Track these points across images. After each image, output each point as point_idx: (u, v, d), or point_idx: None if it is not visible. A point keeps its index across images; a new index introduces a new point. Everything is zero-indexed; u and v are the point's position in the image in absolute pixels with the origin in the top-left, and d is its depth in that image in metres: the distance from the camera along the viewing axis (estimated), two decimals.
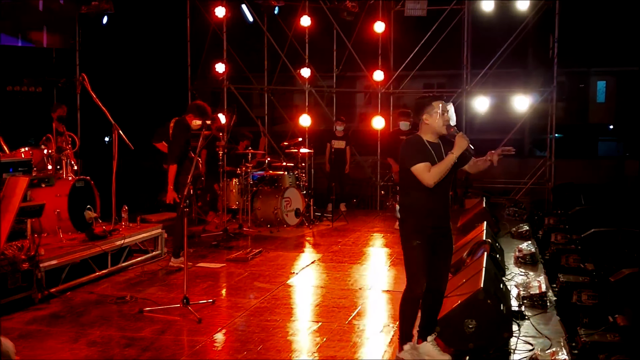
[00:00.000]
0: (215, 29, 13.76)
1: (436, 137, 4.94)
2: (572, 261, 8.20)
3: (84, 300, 6.69)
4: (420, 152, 4.85)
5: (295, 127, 14.57)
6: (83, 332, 5.71)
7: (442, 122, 4.87)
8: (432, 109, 4.87)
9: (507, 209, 12.27)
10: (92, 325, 5.90)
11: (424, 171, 4.77)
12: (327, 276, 7.80)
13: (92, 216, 8.16)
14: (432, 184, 4.79)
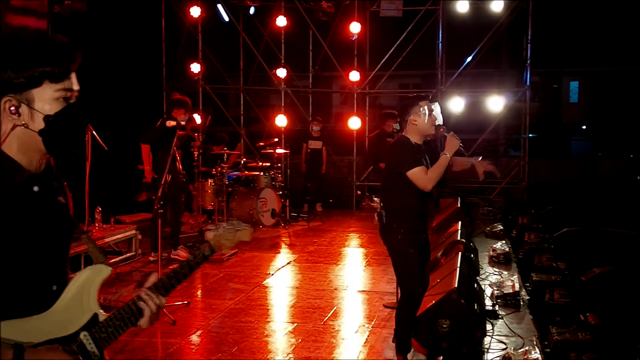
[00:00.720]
0: (190, 28, 13.69)
1: (422, 138, 4.85)
2: (545, 260, 8.30)
3: None
4: (414, 155, 4.71)
5: (271, 127, 14.55)
6: None
7: (431, 123, 4.78)
8: (418, 108, 4.77)
9: (482, 209, 12.37)
10: None
11: (421, 175, 4.64)
12: (302, 277, 7.81)
13: None
14: (430, 188, 4.72)
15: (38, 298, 1.83)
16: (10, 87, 1.78)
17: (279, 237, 10.28)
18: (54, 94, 1.82)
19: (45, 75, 1.80)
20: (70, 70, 1.86)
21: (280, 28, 14.04)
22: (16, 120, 1.80)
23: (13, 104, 1.79)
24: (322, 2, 13.75)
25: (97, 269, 1.95)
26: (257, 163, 11.43)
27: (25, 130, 1.81)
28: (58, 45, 1.84)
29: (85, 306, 1.90)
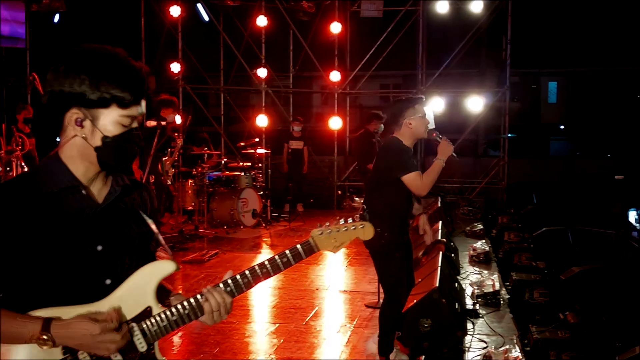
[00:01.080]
0: (170, 28, 13.61)
1: (414, 141, 4.71)
2: (525, 259, 8.37)
3: None
4: (409, 160, 4.57)
5: (251, 127, 14.51)
6: None
7: (425, 127, 4.64)
8: (415, 112, 4.60)
9: (462, 208, 12.44)
10: None
11: (417, 181, 4.51)
12: (284, 277, 7.79)
13: None
14: (424, 194, 4.62)
15: (90, 290, 1.95)
16: (81, 100, 1.91)
17: (260, 238, 10.26)
18: (118, 118, 1.95)
19: (115, 100, 1.92)
20: (138, 99, 1.98)
21: (261, 28, 14.01)
22: (78, 132, 1.94)
23: (79, 116, 1.93)
24: (303, 2, 13.75)
25: (160, 264, 2.04)
26: (237, 163, 11.40)
27: (84, 142, 1.95)
28: (135, 72, 1.96)
29: (139, 299, 1.99)
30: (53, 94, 1.91)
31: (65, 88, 1.89)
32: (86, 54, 1.93)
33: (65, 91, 1.90)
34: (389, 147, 4.72)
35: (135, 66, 1.96)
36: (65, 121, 1.94)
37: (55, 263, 1.91)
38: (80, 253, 1.94)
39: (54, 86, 1.91)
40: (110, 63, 1.92)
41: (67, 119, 1.93)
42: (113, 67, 1.92)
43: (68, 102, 1.91)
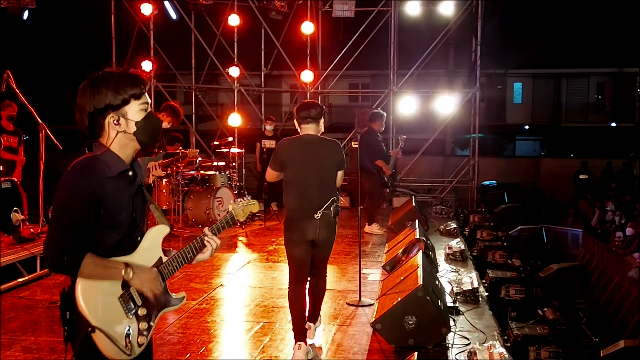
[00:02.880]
0: (141, 26, 13.50)
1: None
2: (499, 257, 8.55)
3: (13, 305, 6.46)
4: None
5: (223, 126, 14.47)
6: (16, 339, 5.53)
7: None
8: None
9: (434, 207, 12.60)
10: (25, 331, 5.71)
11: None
12: (263, 276, 7.82)
13: (19, 218, 7.88)
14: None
15: (130, 245, 2.77)
16: (111, 107, 2.68)
17: (236, 237, 10.26)
18: (138, 107, 2.73)
19: (132, 96, 2.70)
20: (143, 91, 2.75)
21: (233, 27, 13.99)
22: (118, 128, 2.71)
23: (115, 118, 2.70)
24: (275, 1, 13.77)
25: (161, 227, 2.87)
26: (212, 162, 11.36)
27: (124, 135, 2.72)
28: (135, 75, 2.74)
29: (154, 251, 2.83)
30: (91, 113, 2.66)
31: (98, 105, 2.66)
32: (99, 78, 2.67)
33: (99, 107, 2.66)
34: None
35: (131, 72, 2.75)
36: (105, 126, 2.70)
37: (112, 226, 2.68)
38: (128, 218, 2.74)
39: (89, 107, 2.66)
40: (117, 75, 2.69)
41: (107, 123, 2.70)
42: (120, 77, 2.69)
43: (103, 112, 2.67)
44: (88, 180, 2.59)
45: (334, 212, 5.26)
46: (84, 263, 2.56)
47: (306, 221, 5.16)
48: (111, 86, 2.65)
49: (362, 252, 7.48)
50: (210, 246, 2.95)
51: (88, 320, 2.55)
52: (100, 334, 2.56)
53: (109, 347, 2.59)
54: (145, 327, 2.76)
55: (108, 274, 2.63)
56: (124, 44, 13.77)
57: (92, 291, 2.60)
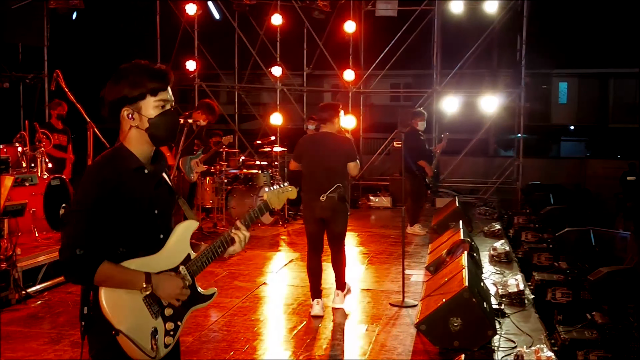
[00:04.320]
0: (186, 26, 13.65)
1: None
2: (544, 259, 8.38)
3: (62, 300, 6.60)
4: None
5: (265, 125, 14.54)
6: (64, 333, 5.64)
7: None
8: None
9: (478, 208, 12.45)
10: (73, 326, 5.80)
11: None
12: (306, 275, 7.79)
13: None
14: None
15: (151, 245, 2.65)
16: (127, 101, 2.60)
17: (278, 236, 10.29)
18: (153, 104, 2.63)
19: (148, 92, 2.61)
20: (164, 87, 2.64)
21: (276, 26, 14.04)
22: (132, 123, 2.62)
23: (129, 112, 2.62)
24: (318, 0, 13.77)
25: (189, 222, 2.77)
26: (254, 161, 11.43)
27: (138, 130, 2.63)
28: (156, 70, 2.63)
29: (182, 248, 2.72)
30: (110, 104, 2.61)
31: (115, 96, 2.60)
32: (120, 70, 2.62)
33: (115, 99, 2.60)
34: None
35: (153, 66, 2.64)
36: (121, 119, 2.63)
37: (131, 225, 2.59)
38: (147, 216, 2.65)
39: (108, 97, 2.61)
40: (136, 69, 2.62)
41: (122, 117, 2.62)
42: (139, 70, 2.61)
43: (120, 105, 2.61)
44: (101, 177, 2.52)
45: (338, 195, 6.15)
46: (99, 271, 2.46)
47: (314, 202, 6.18)
48: (129, 79, 2.58)
49: (405, 253, 7.41)
50: (239, 239, 2.81)
51: (112, 324, 2.49)
52: (124, 337, 2.50)
53: (133, 349, 2.53)
54: (172, 327, 2.67)
55: (127, 285, 2.54)
56: (169, 44, 13.95)
57: (117, 293, 2.53)
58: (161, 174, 2.75)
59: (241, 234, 2.81)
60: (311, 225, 6.40)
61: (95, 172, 2.54)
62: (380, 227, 10.92)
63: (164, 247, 2.67)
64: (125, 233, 2.57)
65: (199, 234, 9.66)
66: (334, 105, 6.54)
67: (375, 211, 13.00)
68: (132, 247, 2.59)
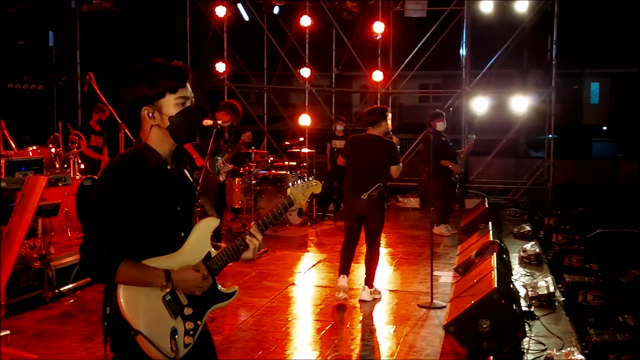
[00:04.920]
0: (215, 28, 13.77)
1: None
2: (575, 261, 8.29)
3: (94, 299, 6.70)
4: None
5: (294, 126, 14.60)
6: (97, 331, 5.71)
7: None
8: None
9: (508, 209, 12.35)
10: None
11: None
12: (334, 275, 7.80)
13: None
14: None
15: (172, 242, 2.66)
16: (146, 100, 2.61)
17: (307, 236, 10.33)
18: (173, 102, 2.63)
19: (166, 90, 2.61)
20: (182, 84, 2.64)
21: (305, 27, 14.08)
22: (152, 122, 2.63)
23: (149, 111, 2.62)
24: (347, 1, 13.79)
25: (210, 220, 2.78)
26: (283, 162, 11.48)
27: (159, 129, 2.63)
28: (173, 68, 2.63)
29: (203, 246, 2.73)
30: (130, 104, 2.62)
31: (134, 96, 2.60)
32: (137, 70, 2.62)
33: (134, 98, 2.60)
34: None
35: (170, 63, 2.63)
36: (142, 119, 2.63)
37: (152, 222, 2.59)
38: (168, 214, 2.66)
39: (127, 98, 2.62)
40: (153, 68, 2.62)
41: (143, 116, 2.62)
42: (156, 69, 2.61)
43: (139, 105, 2.61)
44: (121, 176, 2.52)
45: (378, 195, 6.47)
46: (120, 270, 2.46)
47: (355, 199, 6.52)
48: (146, 78, 2.58)
49: (434, 254, 7.40)
50: (253, 245, 2.76)
51: (130, 324, 2.49)
52: (143, 337, 2.49)
53: (152, 349, 2.52)
54: (192, 326, 2.65)
55: (147, 283, 2.53)
56: (199, 46, 14.08)
57: (135, 293, 2.52)
58: (183, 171, 2.76)
59: (256, 240, 2.77)
60: (350, 221, 6.79)
61: (115, 172, 2.54)
62: (408, 228, 10.89)
63: (184, 244, 2.67)
64: (146, 231, 2.58)
65: (227, 234, 9.76)
66: (380, 109, 6.86)
67: (403, 212, 12.97)
68: (153, 245, 2.60)
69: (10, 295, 6.09)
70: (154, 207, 2.58)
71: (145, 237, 2.59)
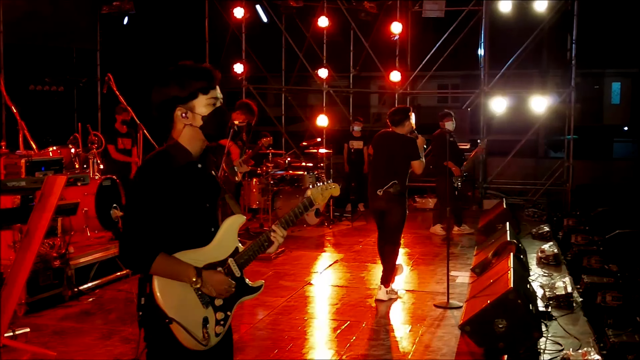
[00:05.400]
0: (234, 29, 13.83)
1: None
2: (594, 262, 8.22)
3: (113, 298, 6.78)
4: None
5: (312, 127, 14.62)
6: (115, 329, 5.79)
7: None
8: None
9: (526, 210, 12.28)
10: (124, 322, 5.98)
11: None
12: (351, 275, 7.86)
13: (119, 215, 8.21)
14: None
15: (202, 237, 2.78)
16: (179, 101, 2.73)
17: (324, 237, 10.35)
18: (205, 102, 2.76)
19: (199, 90, 2.74)
20: (213, 85, 2.78)
21: (322, 28, 14.10)
22: (185, 121, 2.75)
23: (183, 111, 2.75)
24: (365, 2, 13.79)
25: (237, 217, 2.90)
26: (300, 163, 11.51)
27: (191, 128, 2.76)
28: (204, 69, 2.76)
29: (231, 241, 2.85)
30: (161, 105, 2.74)
31: (166, 97, 2.72)
32: (168, 72, 2.74)
33: (167, 99, 2.73)
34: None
35: (201, 65, 2.78)
36: (174, 119, 2.76)
37: (184, 217, 2.71)
38: (199, 210, 2.78)
39: (159, 99, 2.73)
40: (185, 69, 2.74)
41: (175, 117, 2.75)
42: (188, 71, 2.74)
43: (172, 106, 2.74)
44: (156, 173, 2.65)
45: (394, 191, 6.59)
46: (155, 262, 2.60)
47: (373, 195, 6.72)
48: (178, 80, 2.71)
49: (451, 254, 7.39)
50: (277, 241, 2.90)
51: (165, 312, 2.61)
52: (177, 325, 2.62)
53: (186, 337, 2.64)
54: (222, 317, 2.78)
55: (179, 278, 2.66)
56: (218, 47, 14.15)
57: (169, 283, 2.65)
58: (211, 169, 2.90)
59: (279, 237, 2.89)
60: (373, 215, 7.08)
61: (148, 168, 2.67)
62: (426, 229, 10.87)
63: (213, 239, 2.79)
64: (179, 225, 2.70)
65: (245, 235, 9.80)
66: (404, 108, 7.05)
67: (421, 212, 12.93)
68: (186, 239, 2.72)
69: (31, 294, 6.19)
70: (185, 203, 2.70)
71: (179, 231, 2.71)
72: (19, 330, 5.42)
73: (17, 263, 5.12)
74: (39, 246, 5.30)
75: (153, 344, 2.71)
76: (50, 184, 5.11)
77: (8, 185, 5.70)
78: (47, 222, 5.12)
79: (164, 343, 2.67)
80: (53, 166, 6.79)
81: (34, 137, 7.87)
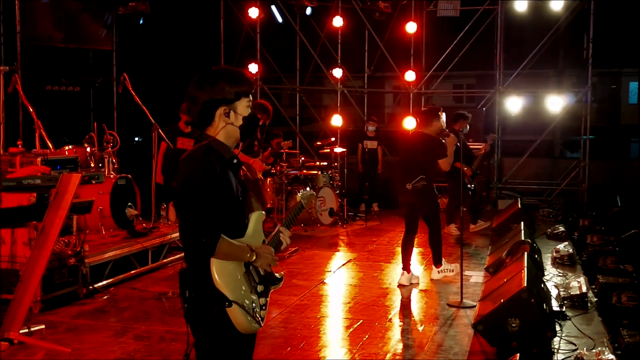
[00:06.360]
0: (248, 29, 13.88)
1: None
2: (610, 262, 8.15)
3: (127, 296, 6.83)
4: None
5: (326, 127, 14.63)
6: (128, 327, 5.83)
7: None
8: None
9: (542, 210, 12.21)
10: (137, 320, 6.02)
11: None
12: (364, 275, 7.86)
13: (133, 213, 8.28)
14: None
15: (240, 227, 2.96)
16: (225, 101, 2.92)
17: (337, 236, 10.35)
18: (245, 104, 2.98)
19: (243, 93, 2.95)
20: (252, 90, 3.02)
21: (337, 28, 14.10)
22: (227, 120, 2.94)
23: (226, 110, 2.93)
24: (380, 2, 13.77)
25: (260, 213, 3.07)
26: (314, 162, 11.52)
27: (231, 127, 2.96)
28: (245, 74, 2.99)
29: (259, 234, 3.04)
30: (206, 103, 2.89)
31: (214, 96, 2.89)
32: (215, 73, 2.91)
33: (214, 98, 2.89)
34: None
35: (243, 71, 3.00)
36: (215, 117, 2.93)
37: (228, 209, 2.88)
38: (237, 202, 2.95)
39: (205, 97, 2.88)
40: (232, 73, 2.93)
41: (217, 115, 2.93)
42: (235, 75, 2.93)
43: (217, 104, 2.91)
44: (206, 165, 2.80)
45: (420, 186, 7.06)
46: (219, 245, 2.75)
47: (401, 190, 7.23)
48: (229, 81, 2.89)
49: (465, 254, 7.38)
50: (286, 242, 3.15)
51: (225, 295, 2.76)
52: (236, 307, 2.77)
53: (243, 319, 2.80)
54: (264, 302, 2.96)
55: (239, 256, 2.85)
56: (232, 47, 14.19)
57: (224, 269, 2.81)
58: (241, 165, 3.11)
59: (288, 238, 3.17)
60: (404, 209, 7.45)
61: (201, 162, 2.81)
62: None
63: (247, 231, 2.97)
64: (223, 216, 2.84)
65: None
66: (433, 108, 7.51)
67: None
68: (227, 229, 2.85)
69: (46, 291, 6.25)
70: (228, 195, 2.88)
71: (223, 221, 2.84)
72: (34, 327, 5.47)
73: (32, 260, 5.16)
74: (54, 244, 5.35)
75: (205, 333, 2.81)
76: (65, 181, 5.15)
77: (24, 182, 5.76)
78: (62, 219, 5.16)
79: (217, 330, 2.81)
80: (68, 165, 6.86)
81: (50, 137, 7.95)
